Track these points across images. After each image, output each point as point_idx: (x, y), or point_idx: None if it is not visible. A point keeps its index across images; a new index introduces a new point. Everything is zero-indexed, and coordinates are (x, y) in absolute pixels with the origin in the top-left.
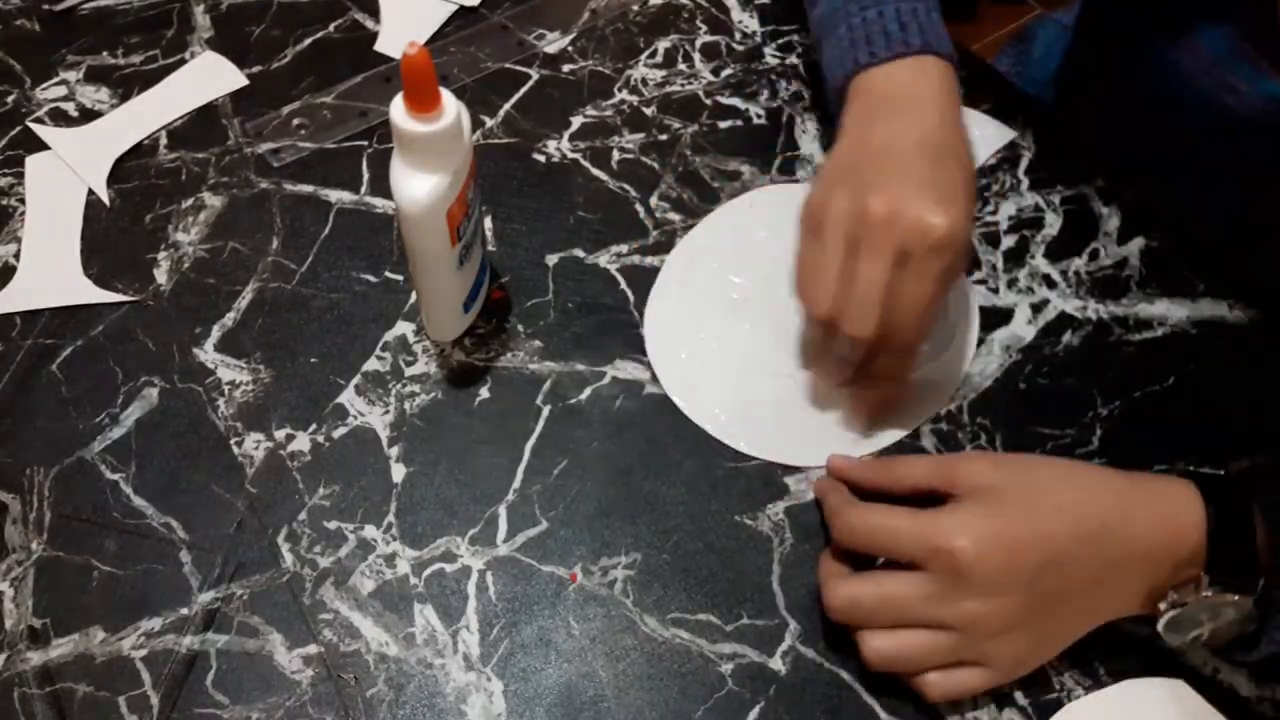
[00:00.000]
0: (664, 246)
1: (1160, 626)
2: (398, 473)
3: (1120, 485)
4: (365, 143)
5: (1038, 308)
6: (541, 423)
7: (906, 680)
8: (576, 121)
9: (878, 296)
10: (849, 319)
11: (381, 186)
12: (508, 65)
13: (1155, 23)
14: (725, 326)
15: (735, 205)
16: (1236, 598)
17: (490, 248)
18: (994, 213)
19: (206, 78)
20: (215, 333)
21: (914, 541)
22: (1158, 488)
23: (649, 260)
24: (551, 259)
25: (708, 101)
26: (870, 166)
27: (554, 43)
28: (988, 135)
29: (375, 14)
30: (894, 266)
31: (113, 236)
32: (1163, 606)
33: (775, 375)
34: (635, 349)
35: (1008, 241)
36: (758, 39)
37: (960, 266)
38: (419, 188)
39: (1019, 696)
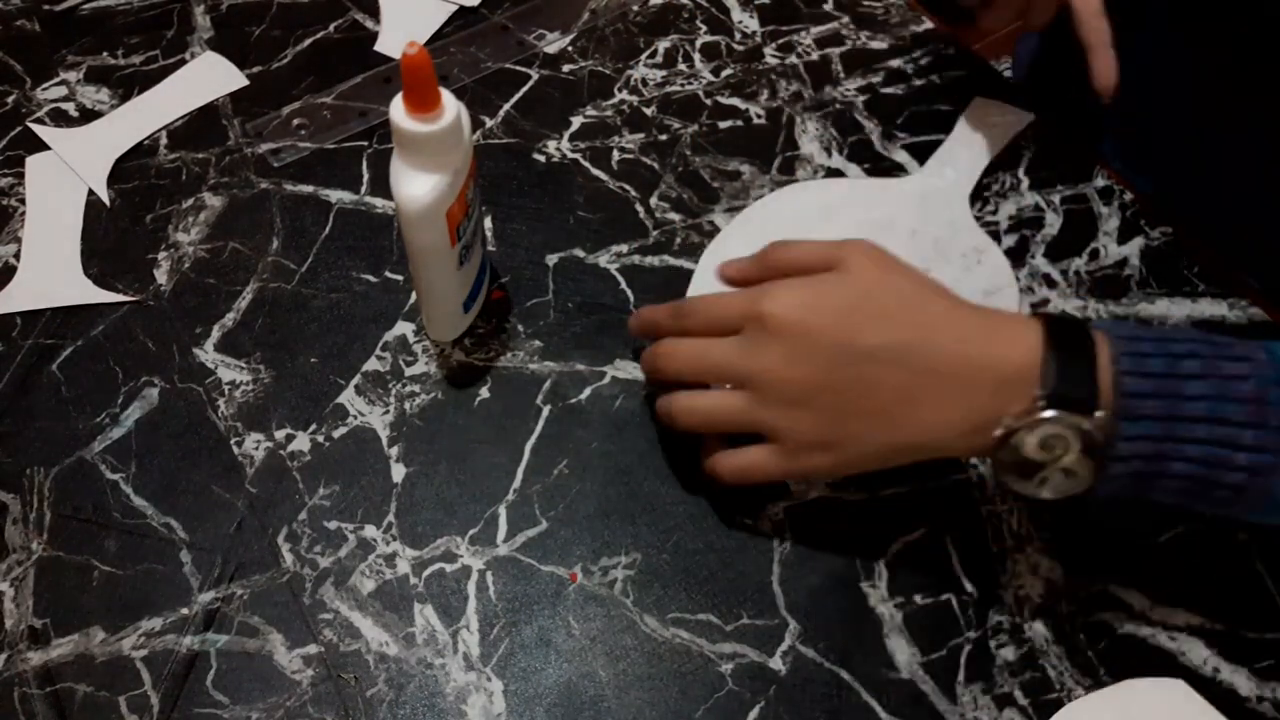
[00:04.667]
0: (664, 246)
1: (995, 461)
2: (398, 473)
3: (955, 307)
4: (365, 143)
5: (1038, 308)
6: (541, 423)
7: (704, 470)
8: (576, 121)
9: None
10: None
11: (381, 186)
12: (508, 65)
13: None
14: None
15: (766, 203)
16: (1074, 419)
17: (490, 248)
18: (994, 213)
19: (206, 78)
20: (215, 333)
21: (739, 309)
22: (995, 314)
23: (649, 260)
24: (551, 259)
25: (708, 101)
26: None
27: (554, 43)
28: (1006, 121)
29: (375, 14)
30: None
31: (113, 236)
32: (997, 434)
33: None
34: (635, 349)
35: (1008, 241)
36: (758, 39)
37: None
38: (419, 188)
39: (1019, 696)
